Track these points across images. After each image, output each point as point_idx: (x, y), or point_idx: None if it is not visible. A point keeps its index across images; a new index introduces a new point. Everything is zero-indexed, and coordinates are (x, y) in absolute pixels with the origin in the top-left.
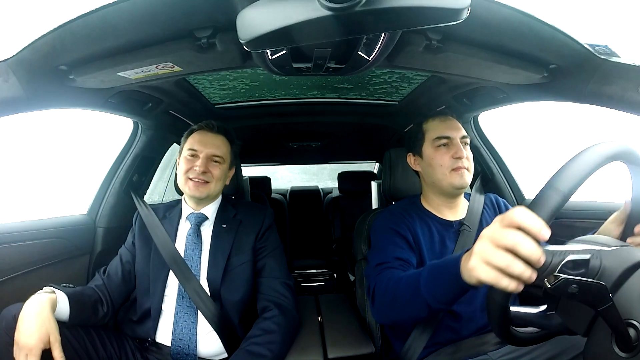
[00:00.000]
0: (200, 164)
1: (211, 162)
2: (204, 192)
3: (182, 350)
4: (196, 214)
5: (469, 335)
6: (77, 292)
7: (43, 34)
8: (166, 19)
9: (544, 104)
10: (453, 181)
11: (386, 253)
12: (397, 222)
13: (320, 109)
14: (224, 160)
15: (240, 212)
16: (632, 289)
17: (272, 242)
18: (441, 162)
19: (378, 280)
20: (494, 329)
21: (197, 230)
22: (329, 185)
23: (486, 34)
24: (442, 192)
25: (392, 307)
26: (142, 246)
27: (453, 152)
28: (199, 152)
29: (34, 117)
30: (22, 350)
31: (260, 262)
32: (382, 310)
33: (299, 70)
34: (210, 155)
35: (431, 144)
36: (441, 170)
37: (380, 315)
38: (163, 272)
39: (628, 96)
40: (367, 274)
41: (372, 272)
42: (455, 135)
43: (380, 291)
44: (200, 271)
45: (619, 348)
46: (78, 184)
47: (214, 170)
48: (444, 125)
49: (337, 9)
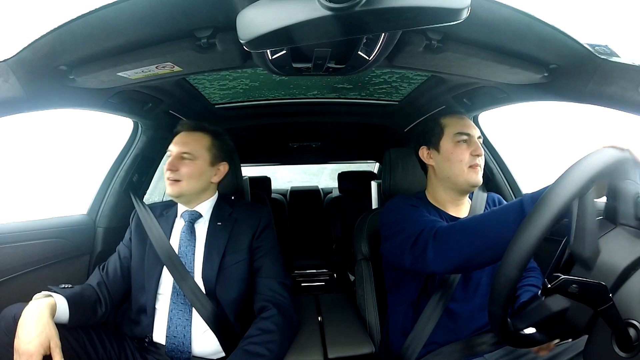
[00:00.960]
0: (169, 162)
1: (180, 160)
2: (175, 191)
3: (177, 348)
4: (190, 211)
5: (467, 336)
6: (76, 293)
7: (43, 34)
8: (166, 19)
9: (545, 104)
10: (469, 178)
11: (418, 223)
12: (416, 203)
13: (320, 109)
14: (194, 157)
15: (237, 211)
16: (632, 288)
17: (268, 242)
18: (461, 157)
19: (439, 227)
20: (495, 329)
21: (191, 227)
22: (329, 185)
23: (486, 34)
24: (453, 188)
25: (472, 240)
26: (138, 244)
27: (472, 149)
28: (172, 152)
29: (34, 117)
30: (23, 356)
31: (257, 262)
32: (453, 249)
33: (299, 70)
34: (178, 153)
35: (451, 138)
36: (460, 166)
37: (447, 256)
38: (156, 269)
39: (628, 96)
40: (406, 235)
41: (420, 229)
42: (474, 133)
43: (449, 231)
44: (194, 269)
45: (619, 348)
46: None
47: (182, 168)
48: (464, 122)
49: (337, 9)
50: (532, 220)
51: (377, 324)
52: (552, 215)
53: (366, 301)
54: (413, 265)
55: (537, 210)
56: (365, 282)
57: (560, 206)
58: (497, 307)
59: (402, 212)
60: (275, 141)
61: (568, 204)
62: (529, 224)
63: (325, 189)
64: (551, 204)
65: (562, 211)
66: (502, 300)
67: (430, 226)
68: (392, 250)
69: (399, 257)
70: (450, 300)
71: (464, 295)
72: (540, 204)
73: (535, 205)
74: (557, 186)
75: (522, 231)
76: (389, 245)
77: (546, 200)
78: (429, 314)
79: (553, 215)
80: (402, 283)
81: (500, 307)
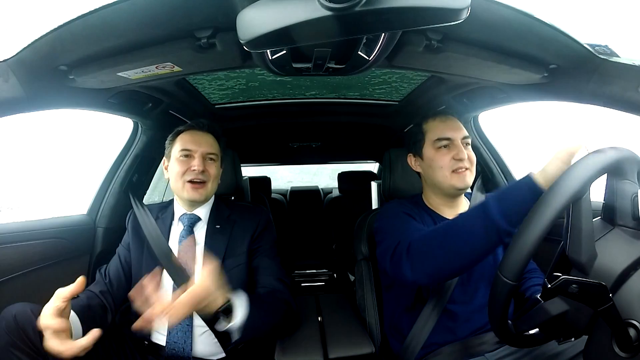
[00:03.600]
0: (197, 163)
1: (207, 161)
2: (202, 194)
3: (177, 350)
4: (189, 215)
5: (466, 336)
6: (84, 306)
7: (43, 34)
8: (166, 19)
9: (545, 104)
10: (454, 183)
11: (403, 230)
12: (409, 210)
13: (320, 109)
14: (217, 158)
15: (235, 213)
16: (632, 289)
17: (266, 242)
18: (441, 163)
19: (412, 239)
20: (495, 328)
21: (190, 231)
22: (329, 185)
23: (486, 34)
24: (443, 193)
25: (441, 249)
26: (136, 247)
27: (454, 154)
28: (193, 152)
29: (33, 117)
30: (46, 330)
31: (255, 262)
32: (424, 261)
33: (299, 70)
34: (205, 153)
35: (432, 145)
36: (442, 172)
37: (420, 268)
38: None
39: (628, 96)
40: (387, 246)
41: (397, 241)
42: (456, 136)
43: (420, 242)
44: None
45: (619, 348)
46: (78, 184)
47: (210, 169)
48: (445, 125)
49: (337, 9)
50: (532, 221)
51: (377, 324)
52: (549, 221)
53: (366, 301)
54: (394, 276)
55: (535, 214)
56: (365, 282)
57: (557, 211)
58: (497, 311)
59: (391, 220)
60: (275, 141)
61: (563, 209)
62: (528, 226)
63: (325, 189)
64: (546, 210)
65: (559, 216)
66: (501, 303)
67: (405, 239)
68: (379, 256)
69: (383, 264)
70: (449, 302)
71: (462, 297)
72: (538, 207)
73: (532, 209)
74: (553, 191)
75: (520, 236)
76: (378, 251)
77: (543, 204)
78: (426, 316)
79: (550, 220)
80: (398, 285)
81: (500, 310)
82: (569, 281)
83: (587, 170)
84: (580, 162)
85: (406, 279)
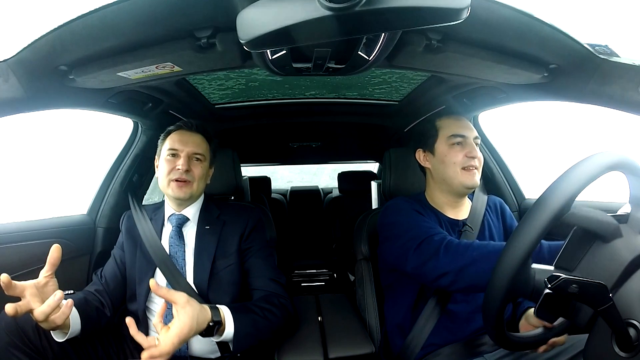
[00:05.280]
0: (182, 162)
1: (192, 161)
2: (187, 193)
3: (174, 352)
4: (177, 215)
5: (466, 336)
6: (81, 301)
7: (43, 34)
8: (166, 19)
9: (545, 104)
10: (464, 180)
11: (423, 227)
12: (417, 208)
13: (320, 109)
14: (204, 158)
15: (225, 213)
16: (632, 288)
17: (258, 243)
18: (454, 159)
19: (448, 237)
20: (490, 333)
21: (179, 232)
22: (329, 185)
23: (486, 34)
24: (450, 191)
25: (474, 263)
26: (130, 247)
27: (467, 151)
28: (179, 152)
29: (34, 117)
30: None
31: (247, 264)
32: (460, 261)
33: (299, 70)
34: (191, 153)
35: (445, 141)
36: (453, 168)
37: (451, 265)
38: (149, 272)
39: (628, 96)
40: (408, 238)
41: (423, 235)
42: (469, 134)
43: (456, 244)
44: (186, 274)
45: (619, 348)
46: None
47: (195, 169)
48: (460, 123)
49: (337, 9)
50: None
51: (377, 324)
52: (539, 233)
53: (366, 301)
54: (415, 270)
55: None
56: (365, 282)
57: (546, 223)
58: (490, 318)
59: (405, 215)
60: (275, 141)
61: (552, 223)
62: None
63: (325, 189)
64: (537, 222)
65: (549, 227)
66: (495, 310)
67: (432, 234)
68: (393, 252)
69: (400, 259)
70: (450, 302)
71: (464, 296)
72: (528, 218)
73: (523, 217)
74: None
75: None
76: (389, 247)
77: (534, 214)
78: (427, 316)
79: (539, 232)
80: (399, 285)
81: (493, 317)
82: (569, 281)
83: (571, 183)
84: (566, 174)
85: (436, 272)
